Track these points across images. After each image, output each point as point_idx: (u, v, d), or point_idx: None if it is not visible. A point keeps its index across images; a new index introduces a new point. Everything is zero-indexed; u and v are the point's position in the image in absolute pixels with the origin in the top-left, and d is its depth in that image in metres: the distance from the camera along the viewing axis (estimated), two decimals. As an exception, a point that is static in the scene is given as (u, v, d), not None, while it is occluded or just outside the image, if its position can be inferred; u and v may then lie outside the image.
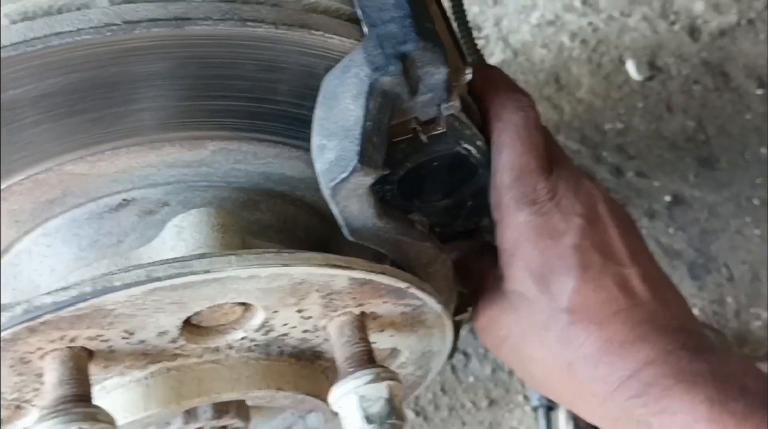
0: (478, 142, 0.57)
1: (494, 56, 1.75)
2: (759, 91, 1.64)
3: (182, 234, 0.51)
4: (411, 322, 0.57)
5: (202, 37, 0.45)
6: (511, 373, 1.33)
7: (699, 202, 1.50)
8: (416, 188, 0.59)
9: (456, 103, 0.50)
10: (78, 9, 0.43)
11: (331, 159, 0.47)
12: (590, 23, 1.81)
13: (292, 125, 0.53)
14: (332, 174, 0.46)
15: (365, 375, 0.49)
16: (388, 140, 0.49)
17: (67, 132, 0.49)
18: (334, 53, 0.49)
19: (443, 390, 1.32)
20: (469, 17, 2.05)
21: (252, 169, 0.55)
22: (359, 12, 0.49)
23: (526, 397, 1.29)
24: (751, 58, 1.70)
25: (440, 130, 0.51)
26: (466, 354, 1.36)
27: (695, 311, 1.38)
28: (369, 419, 0.48)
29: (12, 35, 0.43)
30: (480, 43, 1.82)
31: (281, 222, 0.58)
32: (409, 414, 1.30)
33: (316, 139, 0.48)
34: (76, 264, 0.53)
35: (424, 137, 0.50)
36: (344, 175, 0.46)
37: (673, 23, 1.85)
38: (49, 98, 0.47)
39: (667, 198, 1.52)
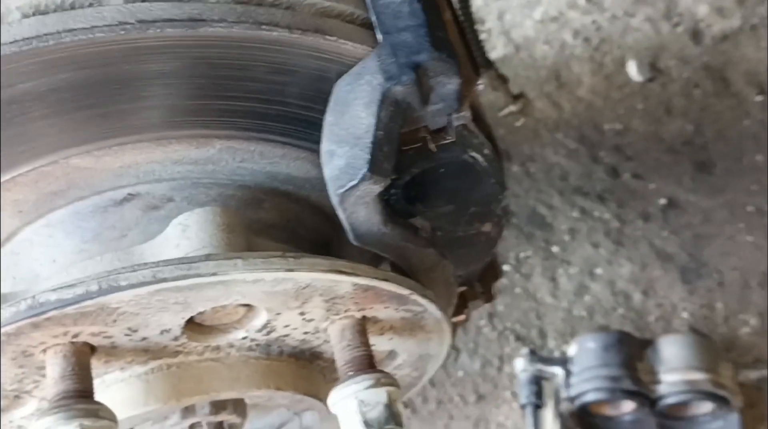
0: (486, 151, 0.57)
1: (496, 50, 1.75)
2: (758, 98, 1.65)
3: (187, 232, 0.51)
4: (411, 326, 0.57)
5: (215, 39, 0.45)
6: (500, 369, 1.34)
7: (693, 207, 1.51)
8: (421, 193, 0.59)
9: (467, 114, 0.50)
10: (91, 5, 0.43)
11: (341, 166, 0.47)
12: (594, 21, 1.81)
13: (300, 127, 0.53)
14: (341, 181, 0.47)
15: (365, 380, 0.50)
16: (398, 148, 0.50)
17: (74, 126, 0.49)
18: (347, 59, 0.49)
19: (432, 383, 1.32)
20: (473, 9, 2.04)
21: (258, 168, 0.55)
22: (374, 18, 0.49)
23: (514, 394, 1.30)
24: (752, 63, 1.70)
25: (449, 139, 0.51)
26: (456, 349, 1.37)
27: (684, 315, 1.39)
28: (367, 423, 0.49)
29: (24, 30, 0.42)
30: (482, 36, 1.82)
31: (285, 221, 0.59)
32: (398, 406, 1.31)
33: (325, 145, 0.48)
34: (78, 256, 0.53)
35: (432, 146, 0.50)
36: (353, 182, 0.46)
37: (676, 25, 1.85)
38: (57, 93, 0.47)
39: (662, 201, 1.52)
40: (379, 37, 0.48)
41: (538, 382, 1.22)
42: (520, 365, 1.23)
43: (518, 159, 1.60)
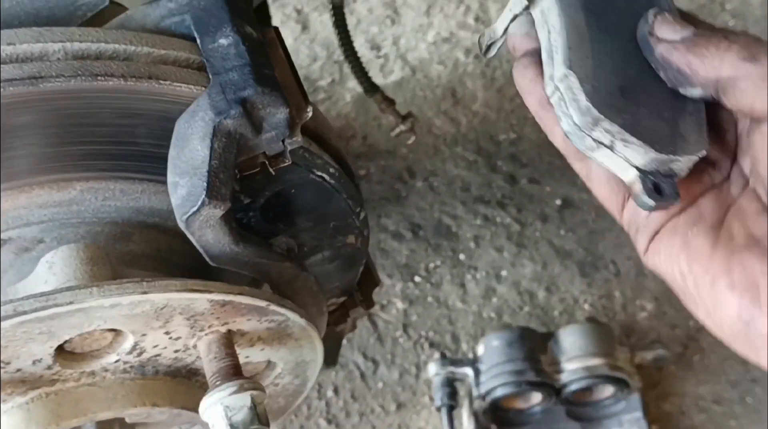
0: (331, 169, 0.63)
1: (393, 74, 1.83)
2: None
3: (53, 268, 0.55)
4: (278, 335, 0.62)
5: (57, 93, 0.50)
6: (417, 376, 1.40)
7: (587, 204, 1.59)
8: (280, 213, 0.65)
9: (298, 138, 0.56)
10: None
11: (183, 195, 0.52)
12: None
13: (155, 163, 0.58)
14: (184, 208, 0.52)
15: (229, 387, 0.55)
16: (239, 174, 0.55)
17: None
18: (185, 99, 0.54)
19: (353, 397, 1.38)
20: (369, 37, 2.11)
21: (122, 205, 0.60)
22: (204, 61, 0.54)
23: (431, 399, 1.36)
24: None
25: (287, 162, 0.57)
26: (374, 361, 1.42)
27: (586, 306, 1.47)
28: (233, 426, 0.54)
29: None
30: (379, 62, 1.90)
31: (155, 250, 0.63)
32: (322, 423, 1.36)
33: (170, 177, 0.53)
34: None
35: (272, 170, 0.56)
36: (194, 208, 0.51)
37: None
38: None
39: (558, 202, 1.61)
40: (211, 77, 0.54)
41: (451, 384, 1.28)
42: (433, 370, 1.29)
43: (421, 175, 1.67)
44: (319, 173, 0.62)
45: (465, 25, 1.97)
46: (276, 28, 0.61)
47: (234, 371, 0.56)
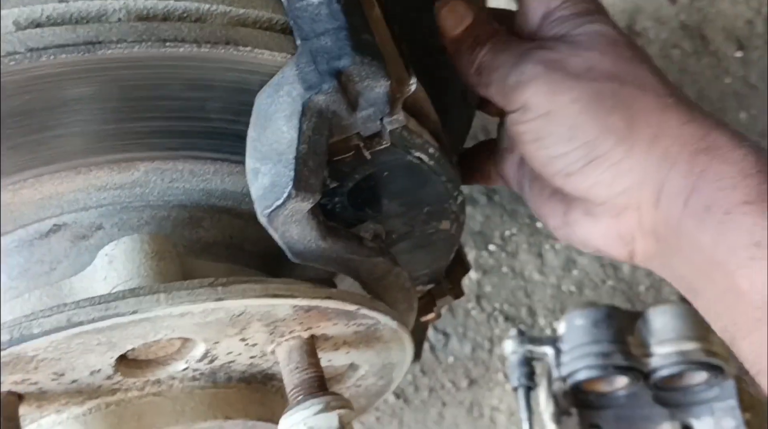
0: (430, 149, 0.54)
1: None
2: (738, 54, 1.61)
3: (114, 263, 0.48)
4: (366, 339, 0.55)
5: (118, 61, 0.42)
6: (490, 351, 1.32)
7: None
8: (368, 198, 0.56)
9: (399, 117, 0.47)
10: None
11: (266, 185, 0.44)
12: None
13: (229, 140, 0.50)
14: (267, 201, 0.44)
15: (314, 405, 0.47)
16: (329, 159, 0.47)
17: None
18: (267, 68, 0.45)
19: (423, 371, 1.31)
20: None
21: (191, 187, 0.52)
22: (292, 23, 0.46)
23: (506, 376, 1.28)
24: (729, 19, 1.66)
25: (384, 144, 0.48)
26: (445, 334, 1.35)
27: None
28: (318, 451, 0.46)
29: None
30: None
31: (227, 237, 0.56)
32: (389, 397, 1.29)
33: (249, 162, 0.45)
34: (7, 294, 0.50)
35: (367, 154, 0.47)
36: (279, 202, 0.43)
37: (651, -14, 1.81)
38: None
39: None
40: (298, 43, 0.45)
41: (528, 363, 1.20)
42: (510, 347, 1.21)
43: (497, 134, 1.56)
44: (417, 154, 0.53)
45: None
46: (371, -20, 0.51)
47: (318, 384, 0.49)
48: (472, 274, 1.39)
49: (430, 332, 1.32)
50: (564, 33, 0.55)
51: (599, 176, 0.52)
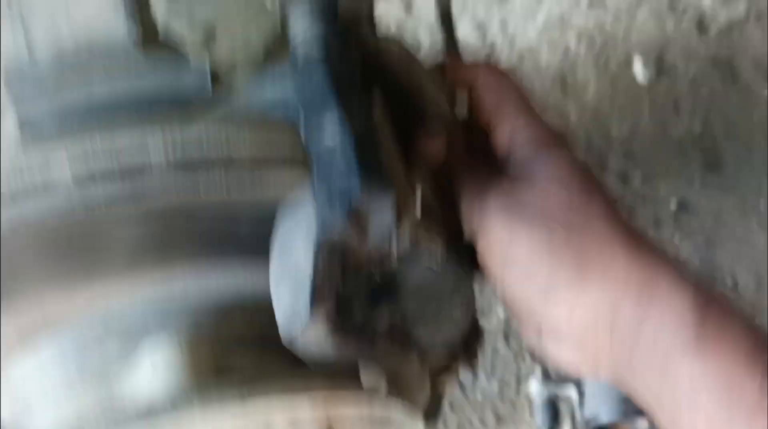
0: (441, 254, 0.60)
1: (500, 62, 1.75)
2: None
3: (157, 371, 0.54)
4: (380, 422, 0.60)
5: (159, 209, 0.48)
6: (518, 389, 1.37)
7: (705, 209, 1.50)
8: (383, 294, 0.62)
9: (408, 236, 0.53)
10: (43, 189, 0.47)
11: (287, 311, 0.50)
12: (597, 22, 1.80)
13: (261, 242, 0.56)
14: (287, 327, 0.50)
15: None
16: (343, 278, 0.52)
17: (45, 268, 0.53)
18: (290, 201, 0.51)
19: (451, 407, 1.36)
20: (475, 20, 2.02)
21: (224, 288, 0.59)
22: (310, 162, 0.52)
23: (532, 414, 1.33)
24: (759, 53, 1.68)
25: (394, 264, 0.54)
26: (473, 371, 1.40)
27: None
28: None
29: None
30: (485, 48, 1.83)
31: (257, 329, 0.62)
32: (420, 432, 1.35)
33: (272, 286, 0.51)
34: (65, 392, 0.57)
35: (377, 277, 0.53)
36: (298, 328, 0.49)
37: (681, 17, 1.83)
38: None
39: (673, 205, 1.52)
40: (315, 181, 0.51)
41: (553, 404, 1.24)
42: (534, 388, 1.25)
43: (527, 172, 1.60)
44: (429, 261, 0.59)
45: (577, 7, 1.87)
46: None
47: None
48: (500, 313, 1.43)
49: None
50: (522, 170, 0.60)
51: (557, 313, 0.57)
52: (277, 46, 0.59)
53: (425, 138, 0.61)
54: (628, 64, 1.81)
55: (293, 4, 0.55)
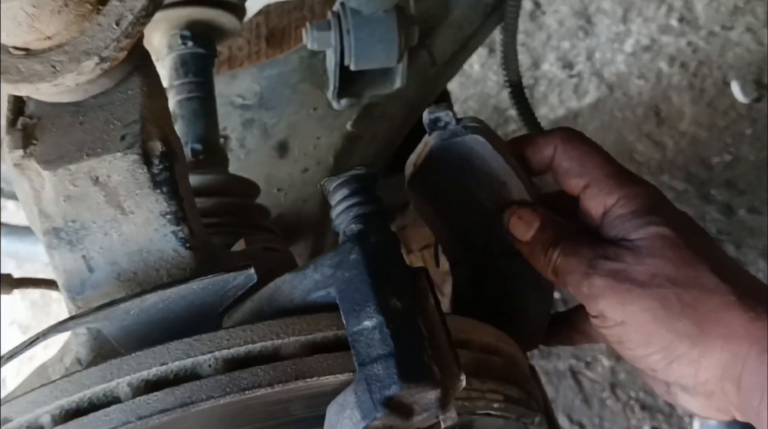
0: (495, 404, 0.60)
1: (588, 95, 1.71)
2: None
3: None
4: None
5: (206, 411, 0.51)
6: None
7: (819, 240, 1.42)
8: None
9: (453, 414, 0.53)
10: (105, 405, 0.50)
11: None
12: (689, 43, 1.73)
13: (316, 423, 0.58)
14: None
15: None
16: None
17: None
18: (333, 387, 0.53)
19: (561, 465, 1.35)
20: (560, 54, 1.99)
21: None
22: (351, 347, 0.53)
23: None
24: None
25: (443, 434, 0.54)
26: (581, 425, 1.38)
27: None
28: None
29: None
30: (573, 82, 1.79)
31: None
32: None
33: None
34: None
35: (426, 447, 0.54)
36: None
37: (781, 30, 1.73)
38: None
39: (783, 237, 1.45)
40: (356, 367, 0.52)
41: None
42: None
43: (624, 209, 1.56)
44: (483, 411, 0.60)
45: (667, 29, 1.80)
46: (425, 269, 0.58)
47: None
48: (605, 361, 1.40)
49: (566, 423, 1.35)
50: (624, 235, 0.61)
51: (682, 372, 0.59)
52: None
53: (516, 217, 0.66)
54: (725, 85, 1.73)
55: (334, 184, 0.57)
